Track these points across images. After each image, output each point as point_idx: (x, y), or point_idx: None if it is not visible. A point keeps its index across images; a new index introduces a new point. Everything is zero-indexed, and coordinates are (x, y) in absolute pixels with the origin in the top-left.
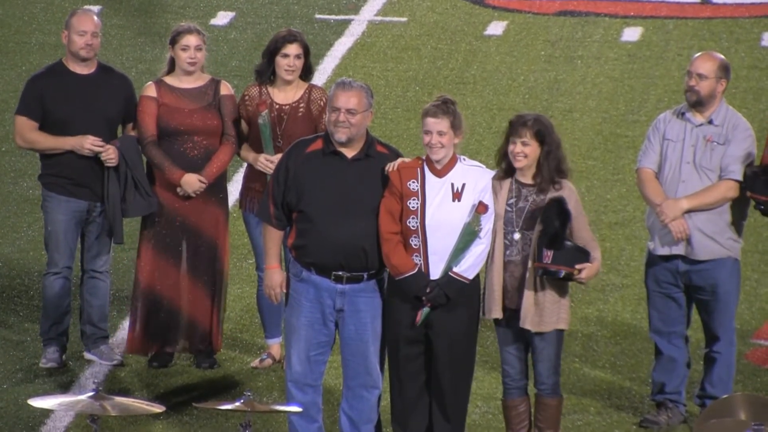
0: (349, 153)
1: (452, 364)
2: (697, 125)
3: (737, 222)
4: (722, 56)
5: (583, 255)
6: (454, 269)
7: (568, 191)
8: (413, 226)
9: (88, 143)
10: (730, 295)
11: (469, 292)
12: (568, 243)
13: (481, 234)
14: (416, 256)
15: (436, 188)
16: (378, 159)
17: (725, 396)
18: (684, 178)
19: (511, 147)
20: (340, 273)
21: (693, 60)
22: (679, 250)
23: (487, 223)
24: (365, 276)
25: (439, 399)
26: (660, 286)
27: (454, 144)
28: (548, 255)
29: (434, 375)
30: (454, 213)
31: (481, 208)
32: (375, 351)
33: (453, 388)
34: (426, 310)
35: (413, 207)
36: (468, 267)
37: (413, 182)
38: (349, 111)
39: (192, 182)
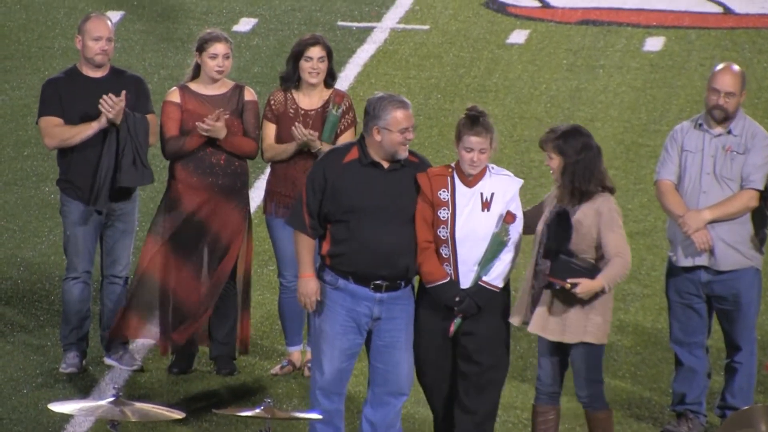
0: (386, 163)
1: (480, 370)
2: (715, 135)
3: (759, 231)
4: (739, 68)
5: (581, 270)
6: (484, 278)
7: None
8: (443, 236)
9: (104, 101)
10: (752, 305)
11: (499, 299)
12: (563, 257)
13: (509, 243)
14: (446, 265)
15: (466, 198)
16: (410, 167)
17: (746, 407)
18: (705, 189)
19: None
20: (380, 282)
21: (716, 76)
22: (702, 260)
23: (515, 232)
24: (402, 284)
25: (463, 406)
26: (682, 297)
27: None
28: (547, 267)
29: (461, 381)
30: (483, 223)
31: (509, 218)
32: (407, 358)
33: (479, 396)
34: (458, 320)
35: (444, 217)
36: (497, 275)
37: (444, 192)
38: (413, 128)
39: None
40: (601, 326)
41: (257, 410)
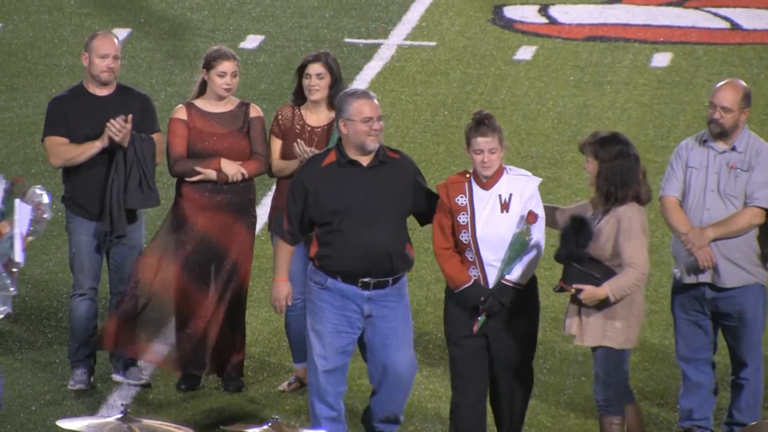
0: (365, 161)
1: (510, 364)
2: (720, 152)
3: (764, 248)
4: (744, 84)
5: (590, 278)
6: (507, 277)
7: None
8: (466, 240)
9: (111, 126)
10: (757, 322)
11: (526, 293)
12: (574, 263)
13: (532, 243)
14: (473, 268)
15: (484, 201)
16: (391, 164)
17: (753, 423)
18: (708, 206)
19: None
20: (367, 279)
21: (716, 91)
22: (706, 277)
23: (537, 231)
24: (390, 281)
25: (496, 402)
26: (687, 314)
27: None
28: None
29: (492, 378)
30: (504, 224)
31: (530, 218)
32: (405, 353)
33: (511, 391)
34: (482, 318)
35: (463, 222)
36: (520, 274)
37: (461, 197)
38: (381, 118)
39: (232, 165)
40: (622, 331)
41: (265, 427)
